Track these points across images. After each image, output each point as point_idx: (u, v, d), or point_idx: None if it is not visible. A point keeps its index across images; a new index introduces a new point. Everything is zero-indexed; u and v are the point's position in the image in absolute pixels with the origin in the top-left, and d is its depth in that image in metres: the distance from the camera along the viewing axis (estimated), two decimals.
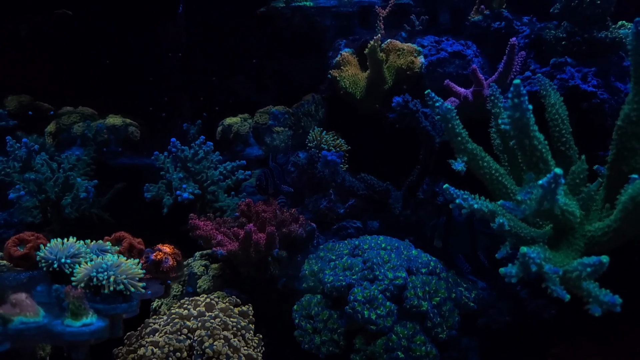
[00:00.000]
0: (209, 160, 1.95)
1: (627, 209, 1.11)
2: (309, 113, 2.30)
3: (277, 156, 1.80)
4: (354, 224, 1.85)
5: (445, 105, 1.39)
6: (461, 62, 1.87)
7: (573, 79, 1.77)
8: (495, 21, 2.03)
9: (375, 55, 1.83)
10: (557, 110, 1.54)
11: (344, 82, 1.93)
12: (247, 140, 2.49)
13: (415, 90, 1.92)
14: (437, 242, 1.52)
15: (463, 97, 1.68)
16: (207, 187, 1.97)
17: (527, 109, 1.14)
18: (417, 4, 2.28)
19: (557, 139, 1.53)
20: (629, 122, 1.23)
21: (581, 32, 1.77)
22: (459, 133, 1.39)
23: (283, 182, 1.70)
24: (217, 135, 2.63)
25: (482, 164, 1.37)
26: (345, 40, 2.08)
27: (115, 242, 1.74)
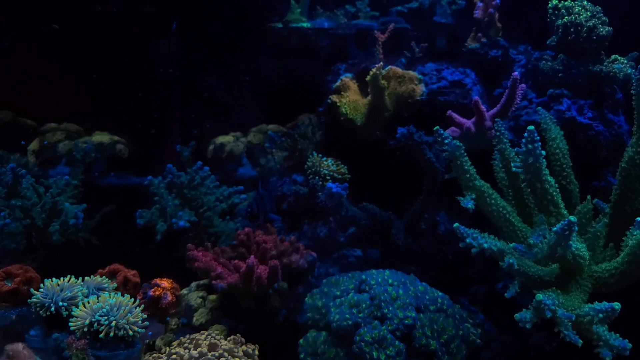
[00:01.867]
0: (205, 186, 1.90)
1: (635, 254, 1.13)
2: (305, 135, 2.28)
3: (265, 181, 1.78)
4: (355, 253, 1.83)
5: (454, 142, 1.39)
6: (461, 90, 1.88)
7: (569, 111, 1.81)
8: (492, 49, 2.06)
9: (377, 82, 1.83)
10: (558, 144, 1.57)
11: (344, 107, 1.91)
12: (240, 160, 2.45)
13: (416, 118, 1.93)
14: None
15: (465, 128, 1.70)
16: (203, 213, 1.91)
17: (540, 154, 1.15)
18: (414, 28, 2.29)
19: (559, 173, 1.56)
20: (633, 165, 1.26)
21: (577, 65, 1.81)
22: (468, 170, 1.39)
23: (270, 209, 1.68)
24: (208, 154, 2.57)
25: (490, 202, 1.38)
26: (344, 65, 2.07)
27: (110, 275, 1.68)
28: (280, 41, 2.34)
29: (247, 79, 2.67)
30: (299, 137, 2.28)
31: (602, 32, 1.75)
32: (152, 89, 2.54)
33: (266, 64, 2.45)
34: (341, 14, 2.44)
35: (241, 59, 2.46)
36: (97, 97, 2.56)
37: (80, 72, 2.50)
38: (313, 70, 2.37)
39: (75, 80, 2.53)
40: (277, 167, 2.32)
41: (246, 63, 2.50)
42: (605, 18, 1.80)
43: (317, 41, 2.34)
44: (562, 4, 1.83)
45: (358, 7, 2.43)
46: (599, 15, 1.80)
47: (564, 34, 1.80)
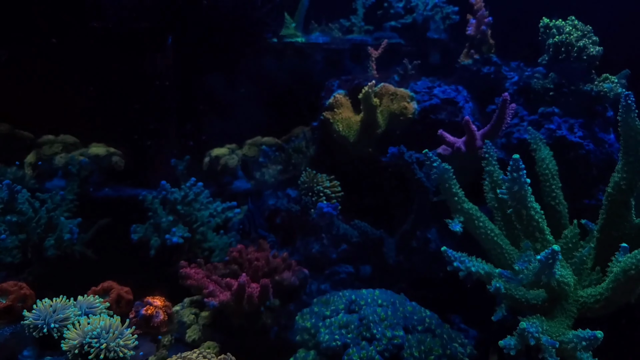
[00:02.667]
0: (199, 202, 1.91)
1: (619, 281, 1.14)
2: (299, 149, 2.30)
3: (254, 197, 1.80)
4: (346, 269, 1.84)
5: (442, 166, 1.41)
6: (453, 108, 1.90)
7: (560, 129, 1.82)
8: (485, 66, 2.07)
9: (370, 101, 1.84)
10: (547, 165, 1.58)
11: (337, 124, 1.93)
12: (235, 173, 2.46)
13: (408, 135, 1.94)
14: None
15: (456, 147, 1.71)
16: (197, 228, 1.93)
17: (525, 182, 1.17)
18: (407, 43, 2.31)
19: (548, 194, 1.58)
20: (619, 191, 1.28)
21: (568, 84, 1.83)
22: (456, 193, 1.41)
23: (260, 225, 1.70)
24: (204, 166, 2.59)
25: (478, 224, 1.39)
26: (338, 81, 2.09)
27: (103, 292, 1.69)
28: (275, 55, 2.36)
29: (242, 91, 2.69)
30: (293, 151, 2.30)
31: (592, 52, 1.76)
32: (149, 101, 2.56)
33: (262, 77, 2.47)
34: (336, 28, 2.46)
35: (237, 72, 2.48)
36: (94, 109, 2.58)
37: (77, 85, 2.52)
38: (308, 83, 2.39)
39: (73, 92, 2.54)
40: (271, 181, 2.33)
41: (242, 76, 2.52)
42: (596, 38, 1.81)
43: (312, 55, 2.36)
44: (553, 23, 1.85)
45: (352, 22, 2.45)
46: (590, 34, 1.81)
47: (555, 53, 1.82)
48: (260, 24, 1.98)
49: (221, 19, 1.94)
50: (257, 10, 1.95)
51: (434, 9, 2.25)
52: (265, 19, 1.99)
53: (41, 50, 2.36)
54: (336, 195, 1.93)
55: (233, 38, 2.05)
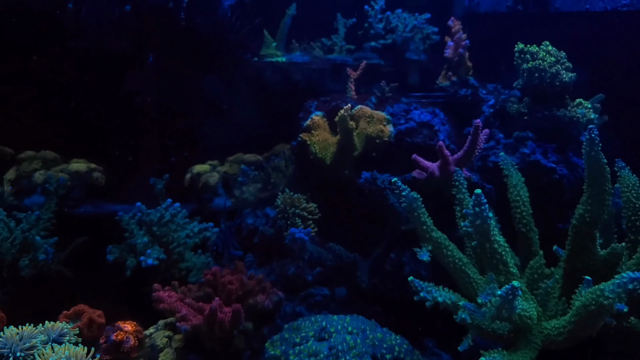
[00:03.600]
0: (175, 222, 1.91)
1: (580, 315, 1.15)
2: (278, 168, 2.30)
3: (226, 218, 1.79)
4: (322, 292, 1.84)
5: (411, 195, 1.42)
6: (429, 132, 1.91)
7: (534, 154, 1.84)
8: (462, 88, 2.09)
9: (346, 124, 1.85)
10: (519, 191, 1.60)
11: (313, 147, 1.94)
12: (215, 190, 2.46)
13: (384, 158, 1.96)
14: None
15: (430, 172, 1.72)
16: (174, 249, 1.93)
17: (487, 216, 1.18)
18: (387, 64, 2.32)
19: (519, 221, 1.59)
20: (583, 223, 1.29)
21: (541, 109, 1.85)
22: (424, 222, 1.42)
23: (232, 246, 1.69)
24: (185, 182, 2.58)
25: (447, 253, 1.40)
26: (316, 102, 2.10)
27: (75, 316, 1.68)
28: (256, 74, 2.37)
29: (224, 108, 2.70)
30: (272, 170, 2.31)
31: (564, 78, 1.78)
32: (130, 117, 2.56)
33: (243, 95, 2.47)
34: (318, 47, 2.47)
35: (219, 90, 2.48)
36: (76, 126, 2.57)
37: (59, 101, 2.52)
38: (289, 102, 2.39)
39: (54, 108, 2.54)
40: (251, 199, 2.33)
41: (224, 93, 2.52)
42: (569, 64, 1.83)
43: (292, 75, 2.37)
44: (527, 48, 1.87)
45: (334, 41, 2.46)
46: (563, 60, 1.83)
47: (529, 79, 1.84)
48: (239, 46, 1.99)
49: (200, 41, 1.95)
50: (235, 32, 1.96)
51: (414, 30, 2.27)
52: (244, 40, 1.99)
53: (23, 67, 2.36)
54: (312, 217, 1.93)
55: (213, 58, 2.06)
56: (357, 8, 2.47)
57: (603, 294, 1.07)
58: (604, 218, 1.29)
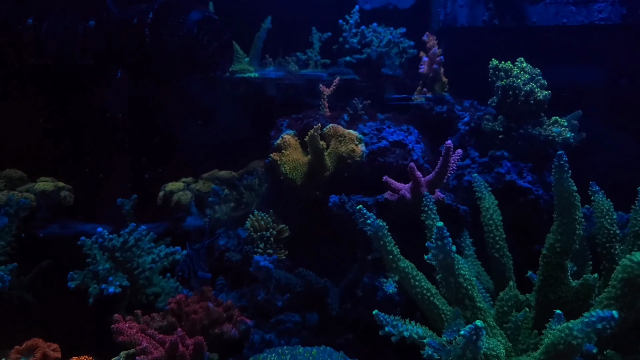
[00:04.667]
0: (140, 247, 1.83)
1: (549, 353, 1.09)
2: (251, 187, 2.23)
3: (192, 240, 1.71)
4: (292, 318, 1.77)
5: (377, 222, 1.35)
6: (401, 151, 1.85)
7: (509, 174, 1.79)
8: (438, 105, 2.04)
9: (316, 144, 1.79)
10: (492, 215, 1.54)
11: (284, 167, 1.87)
12: (188, 209, 2.38)
13: (356, 178, 1.89)
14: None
15: (401, 194, 1.66)
16: (139, 275, 1.85)
17: (450, 250, 1.12)
18: (363, 79, 2.27)
19: (492, 245, 1.53)
20: (554, 253, 1.23)
21: (516, 127, 1.80)
22: (391, 251, 1.35)
23: (200, 268, 1.61)
24: (158, 200, 2.50)
25: (414, 283, 1.34)
26: (287, 120, 2.03)
27: (27, 351, 1.59)
28: (229, 90, 2.30)
29: (199, 124, 2.63)
30: (245, 189, 2.24)
31: (539, 96, 1.74)
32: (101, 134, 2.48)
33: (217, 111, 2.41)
34: (293, 62, 2.41)
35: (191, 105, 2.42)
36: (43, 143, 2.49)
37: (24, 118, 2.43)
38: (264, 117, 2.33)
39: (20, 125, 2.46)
40: (224, 219, 2.26)
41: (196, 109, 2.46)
42: (544, 81, 1.79)
43: (266, 90, 2.31)
44: (501, 65, 1.82)
45: (309, 55, 2.40)
46: (538, 78, 1.79)
47: (503, 96, 1.79)
48: (207, 62, 1.92)
49: (167, 57, 1.88)
50: (203, 49, 1.89)
51: (389, 45, 2.21)
52: (213, 56, 1.93)
53: None
54: (283, 237, 1.86)
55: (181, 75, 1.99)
56: (335, 21, 2.42)
57: (572, 333, 1.01)
58: (575, 248, 1.23)
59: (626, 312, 1.09)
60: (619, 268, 1.09)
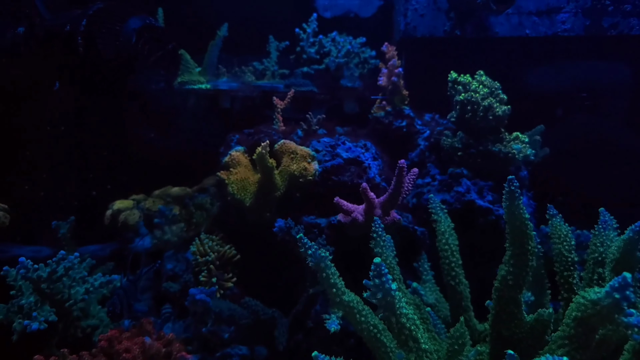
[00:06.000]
0: (71, 277, 1.67)
1: None
2: (202, 206, 2.09)
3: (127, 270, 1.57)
4: (240, 351, 1.63)
5: (318, 253, 1.23)
6: (357, 169, 1.74)
7: (469, 193, 1.69)
8: (397, 119, 1.95)
9: (265, 162, 1.67)
10: (447, 239, 1.44)
11: (231, 186, 1.74)
12: (137, 229, 2.23)
13: (309, 198, 1.77)
14: None
15: (352, 217, 1.55)
16: (70, 307, 1.68)
17: (389, 288, 1.00)
18: (321, 91, 2.16)
19: (447, 273, 1.43)
20: (506, 286, 1.13)
21: (476, 144, 1.71)
22: (334, 284, 1.23)
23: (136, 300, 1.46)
24: (105, 220, 2.34)
25: (360, 319, 1.22)
26: (238, 135, 1.91)
27: None
28: (178, 102, 2.16)
29: (152, 136, 2.48)
30: (195, 208, 2.10)
31: (498, 112, 1.65)
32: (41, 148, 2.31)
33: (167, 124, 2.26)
34: (250, 72, 2.29)
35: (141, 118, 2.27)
36: None
37: None
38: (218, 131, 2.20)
39: None
40: (174, 240, 2.11)
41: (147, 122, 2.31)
42: (504, 96, 1.71)
43: (219, 102, 2.17)
44: (460, 78, 1.74)
45: (266, 65, 2.28)
46: (497, 92, 1.70)
47: (462, 111, 1.70)
48: (148, 73, 1.79)
49: (102, 68, 1.73)
50: (143, 59, 1.75)
51: (348, 55, 2.11)
52: (154, 67, 1.79)
53: None
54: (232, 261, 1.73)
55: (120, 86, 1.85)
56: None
57: None
58: (528, 280, 1.13)
59: (581, 353, 0.99)
60: (572, 305, 1.00)
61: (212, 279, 1.68)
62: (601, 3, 1.97)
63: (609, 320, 0.93)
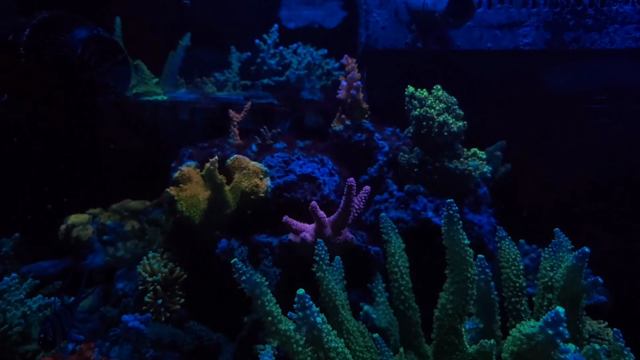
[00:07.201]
0: (6, 300, 1.58)
1: None
2: (156, 222, 2.02)
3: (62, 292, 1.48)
4: None
5: (253, 279, 1.17)
6: (310, 186, 1.68)
7: (425, 211, 1.64)
8: (357, 133, 1.90)
9: (214, 179, 1.60)
10: (397, 261, 1.38)
11: (180, 203, 1.67)
12: (90, 245, 2.14)
13: (261, 215, 1.71)
14: None
15: (301, 238, 1.49)
16: (6, 331, 1.59)
17: (315, 322, 0.94)
18: (282, 104, 2.10)
19: (396, 296, 1.37)
20: (446, 315, 1.08)
21: (432, 161, 1.66)
22: (270, 312, 1.16)
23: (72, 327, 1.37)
24: (59, 235, 2.25)
25: (297, 349, 1.15)
26: (191, 149, 1.84)
27: None
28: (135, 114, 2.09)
29: (112, 147, 2.40)
30: (149, 224, 2.02)
31: (453, 128, 1.61)
32: None
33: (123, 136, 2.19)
34: (211, 83, 2.23)
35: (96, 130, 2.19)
36: None
37: None
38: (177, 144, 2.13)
39: None
40: (128, 257, 2.03)
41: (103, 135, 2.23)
42: (460, 111, 1.66)
43: (177, 115, 2.11)
44: (417, 92, 1.69)
45: (227, 77, 2.22)
46: (454, 107, 1.66)
47: (418, 127, 1.65)
48: (96, 85, 1.71)
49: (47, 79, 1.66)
50: (90, 70, 1.68)
51: (309, 67, 2.06)
52: (102, 78, 1.72)
53: None
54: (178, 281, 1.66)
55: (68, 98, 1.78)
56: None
57: None
58: (469, 309, 1.08)
59: None
60: (509, 339, 0.94)
61: (157, 301, 1.60)
62: (562, 17, 1.95)
63: (544, 357, 0.88)
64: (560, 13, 1.96)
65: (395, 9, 2.03)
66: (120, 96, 1.86)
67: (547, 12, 1.96)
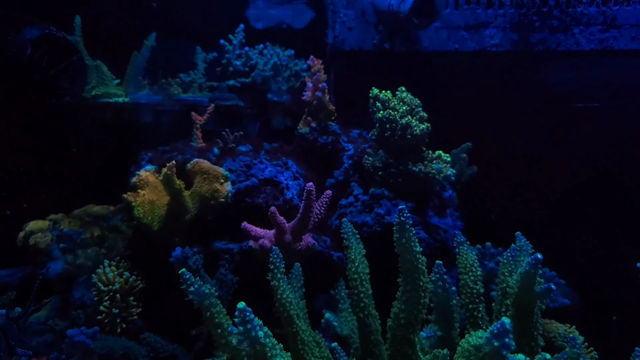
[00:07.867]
0: None
1: None
2: (116, 229, 1.95)
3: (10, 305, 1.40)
4: None
5: (202, 290, 1.12)
6: (273, 190, 1.64)
7: (389, 215, 1.62)
8: (322, 135, 1.86)
9: (171, 184, 1.55)
10: (357, 267, 1.35)
11: (137, 210, 1.62)
12: (49, 253, 2.06)
13: (221, 221, 1.66)
14: None
15: (260, 244, 1.44)
16: None
17: (257, 337, 0.90)
18: (248, 106, 2.06)
19: (356, 304, 1.33)
20: (398, 325, 1.05)
21: (396, 164, 1.63)
22: (219, 324, 1.12)
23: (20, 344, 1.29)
24: (18, 242, 2.16)
25: None
26: (150, 153, 1.78)
27: None
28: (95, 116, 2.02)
29: (74, 150, 2.32)
30: (109, 230, 1.95)
31: (416, 130, 1.58)
32: None
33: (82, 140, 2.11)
34: (176, 84, 2.17)
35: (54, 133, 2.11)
36: None
37: None
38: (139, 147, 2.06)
39: None
40: (88, 265, 1.96)
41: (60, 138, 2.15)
42: (424, 114, 1.64)
43: (139, 117, 2.04)
44: (382, 94, 1.66)
45: (192, 78, 2.17)
46: (417, 110, 1.64)
47: (381, 130, 1.63)
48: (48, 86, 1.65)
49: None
50: (41, 71, 1.61)
51: (275, 68, 2.02)
52: (55, 80, 1.65)
53: None
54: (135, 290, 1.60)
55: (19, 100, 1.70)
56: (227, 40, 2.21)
57: None
58: (421, 319, 1.05)
59: None
60: (459, 349, 0.92)
61: (112, 310, 1.54)
62: (528, 18, 1.95)
63: None
64: (526, 14, 1.95)
65: (362, 10, 2.00)
66: (76, 98, 1.79)
67: (513, 13, 1.95)
